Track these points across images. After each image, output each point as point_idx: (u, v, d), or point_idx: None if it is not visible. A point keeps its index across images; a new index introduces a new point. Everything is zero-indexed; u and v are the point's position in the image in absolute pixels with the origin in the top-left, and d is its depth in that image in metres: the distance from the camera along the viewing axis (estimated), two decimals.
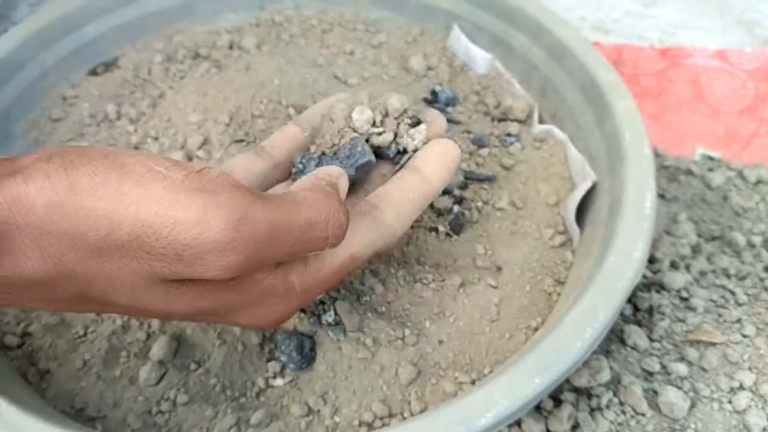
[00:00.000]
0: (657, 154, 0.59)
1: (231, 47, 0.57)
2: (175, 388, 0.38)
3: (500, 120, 0.52)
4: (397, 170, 0.36)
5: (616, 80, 0.46)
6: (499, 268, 0.42)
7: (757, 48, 0.66)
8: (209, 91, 0.50)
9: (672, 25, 0.74)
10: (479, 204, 0.45)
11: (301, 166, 0.35)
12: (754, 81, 0.64)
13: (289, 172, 0.37)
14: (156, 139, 0.49)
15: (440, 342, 0.39)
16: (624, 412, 0.39)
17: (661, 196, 0.55)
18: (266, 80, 0.48)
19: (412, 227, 0.43)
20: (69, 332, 0.41)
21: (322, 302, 0.39)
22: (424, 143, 0.36)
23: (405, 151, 0.36)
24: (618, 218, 0.38)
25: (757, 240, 0.51)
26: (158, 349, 0.38)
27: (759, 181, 0.57)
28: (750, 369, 0.40)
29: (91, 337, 0.40)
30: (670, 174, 0.58)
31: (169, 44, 0.58)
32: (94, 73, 0.57)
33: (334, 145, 0.35)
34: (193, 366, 0.39)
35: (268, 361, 0.38)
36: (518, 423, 0.39)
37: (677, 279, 0.46)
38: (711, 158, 0.60)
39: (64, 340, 0.40)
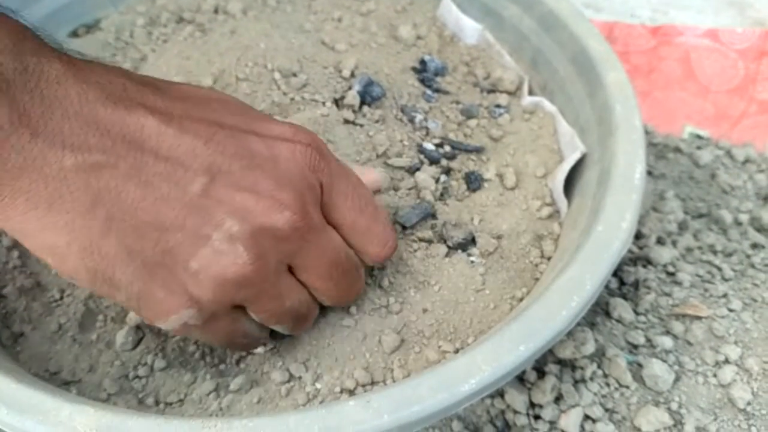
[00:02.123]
0: (646, 132, 0.59)
1: (216, 11, 0.55)
2: (152, 353, 0.37)
3: (489, 91, 0.51)
4: None
5: (608, 52, 0.45)
6: None
7: (749, 28, 0.66)
8: (193, 54, 0.48)
9: (664, 3, 0.73)
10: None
11: None
12: (745, 61, 0.64)
13: None
14: None
15: (424, 310, 0.38)
16: (608, 385, 0.39)
17: (649, 173, 0.55)
18: (252, 44, 0.47)
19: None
20: (44, 295, 0.39)
21: None
22: None
23: None
24: (607, 189, 0.37)
25: (744, 218, 0.50)
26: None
27: (747, 160, 0.57)
28: (736, 343, 0.40)
29: (67, 300, 0.39)
30: (658, 151, 0.58)
31: (152, 7, 0.56)
32: (75, 34, 0.55)
33: None
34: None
35: None
36: (501, 394, 0.39)
37: (664, 254, 0.46)
38: (699, 137, 0.60)
39: (39, 303, 0.39)
